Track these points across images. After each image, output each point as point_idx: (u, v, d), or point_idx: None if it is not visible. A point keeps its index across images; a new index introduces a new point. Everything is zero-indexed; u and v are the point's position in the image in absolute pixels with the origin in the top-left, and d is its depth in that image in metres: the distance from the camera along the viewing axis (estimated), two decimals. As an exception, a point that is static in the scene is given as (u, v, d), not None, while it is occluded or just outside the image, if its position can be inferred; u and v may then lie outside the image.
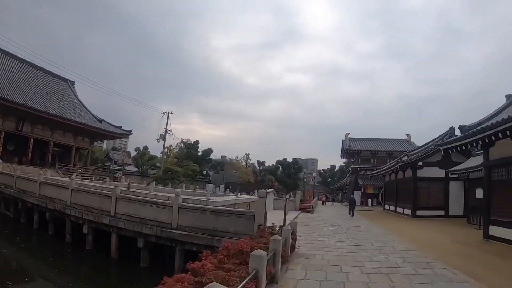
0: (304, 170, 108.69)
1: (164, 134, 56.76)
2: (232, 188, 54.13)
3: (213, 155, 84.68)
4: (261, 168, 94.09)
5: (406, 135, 63.50)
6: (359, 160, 59.55)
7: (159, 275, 5.99)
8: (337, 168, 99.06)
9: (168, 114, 57.74)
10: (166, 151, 66.30)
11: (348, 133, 62.47)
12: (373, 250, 12.12)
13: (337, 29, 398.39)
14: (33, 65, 47.23)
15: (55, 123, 42.37)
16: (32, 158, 42.41)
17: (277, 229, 10.60)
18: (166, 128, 56.90)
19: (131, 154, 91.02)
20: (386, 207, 39.98)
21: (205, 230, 13.34)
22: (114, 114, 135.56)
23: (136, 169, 66.17)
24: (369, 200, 53.96)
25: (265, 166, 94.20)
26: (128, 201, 16.49)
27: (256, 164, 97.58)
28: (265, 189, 12.88)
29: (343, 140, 62.62)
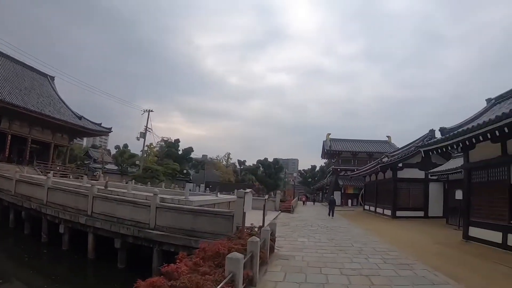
0: (285, 170, 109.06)
1: (144, 132, 56.01)
2: (213, 188, 53.68)
3: (194, 154, 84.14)
4: (242, 168, 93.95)
5: (387, 137, 64.07)
6: (340, 161, 59.75)
7: (137, 276, 5.77)
8: (318, 169, 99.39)
9: (149, 112, 57.05)
10: (147, 150, 65.40)
11: (329, 134, 62.58)
12: (353, 251, 12.03)
13: (320, 31, 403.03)
14: (12, 59, 45.73)
15: (34, 119, 41.21)
16: (10, 155, 41.31)
17: (256, 230, 10.46)
18: (147, 126, 56.19)
19: (111, 152, 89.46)
20: (366, 208, 40.18)
21: (183, 231, 13.13)
22: (95, 111, 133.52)
23: (116, 168, 65.36)
24: (349, 201, 54.25)
25: (246, 166, 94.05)
26: (105, 200, 16.19)
27: (237, 164, 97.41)
28: (244, 189, 12.60)
29: (324, 141, 62.73)
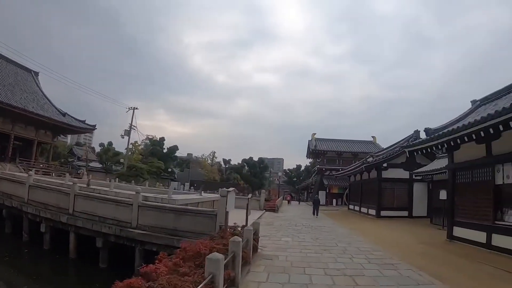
0: (270, 169, 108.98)
1: (129, 130, 55.16)
2: (197, 187, 53.32)
3: (179, 153, 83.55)
4: (227, 167, 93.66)
5: (372, 137, 64.38)
6: (325, 161, 59.80)
7: (118, 276, 5.67)
8: (303, 168, 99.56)
9: (134, 110, 56.18)
10: (131, 148, 64.72)
11: (315, 134, 62.63)
12: (338, 251, 11.96)
13: (308, 31, 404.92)
14: (-5, 54, 44.43)
15: (17, 116, 39.93)
16: (-8, 152, 40.19)
17: (239, 229, 10.28)
18: (131, 124, 55.39)
19: (96, 150, 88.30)
20: (351, 207, 40.33)
21: (166, 230, 12.87)
22: (80, 109, 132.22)
23: (101, 166, 64.43)
24: (334, 200, 54.22)
25: (231, 165, 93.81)
26: (87, 199, 15.83)
27: (222, 163, 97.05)
28: (227, 188, 12.38)
29: (309, 140, 62.75)
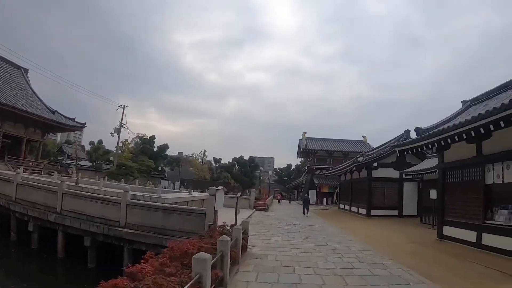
0: (261, 168, 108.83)
1: (119, 128, 54.81)
2: (187, 185, 53.02)
3: (170, 151, 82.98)
4: (217, 165, 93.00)
5: (362, 136, 64.55)
6: (315, 160, 59.83)
7: (107, 276, 5.45)
8: (294, 167, 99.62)
9: (124, 108, 55.82)
10: (122, 146, 64.19)
11: (305, 133, 62.67)
12: (328, 250, 11.89)
13: (299, 31, 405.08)
14: (-17, 50, 43.67)
15: (6, 113, 39.01)
16: (-20, 150, 39.50)
17: (228, 228, 10.16)
18: (121, 122, 55.00)
19: (86, 148, 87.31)
20: (341, 206, 40.40)
21: (154, 229, 12.78)
22: (70, 106, 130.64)
23: (90, 164, 63.78)
24: (325, 199, 54.22)
25: (222, 163, 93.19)
26: (75, 197, 15.69)
27: (213, 161, 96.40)
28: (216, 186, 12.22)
29: (300, 140, 62.78)
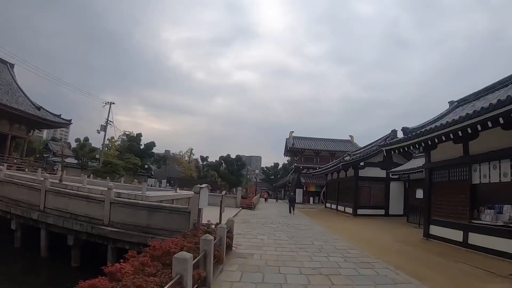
0: (248, 167, 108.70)
1: (105, 125, 54.21)
2: (174, 183, 52.66)
3: (157, 149, 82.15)
4: (204, 164, 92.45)
5: (349, 136, 64.94)
6: (302, 159, 59.86)
7: (91, 276, 5.35)
8: (281, 166, 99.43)
9: (110, 104, 55.20)
10: (108, 143, 63.40)
11: (292, 132, 62.76)
12: (314, 249, 11.82)
13: (288, 31, 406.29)
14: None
15: None
16: (-37, 147, 38.61)
17: (213, 227, 9.97)
18: (108, 119, 54.36)
19: (72, 146, 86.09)
20: (328, 205, 40.48)
21: (139, 227, 12.66)
22: (56, 103, 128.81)
23: (76, 162, 62.91)
24: (311, 198, 54.38)
25: (208, 162, 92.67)
26: (58, 195, 15.41)
27: (199, 160, 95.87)
28: (200, 185, 12.01)
29: (287, 138, 62.84)
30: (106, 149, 61.19)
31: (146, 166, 72.28)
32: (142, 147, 75.01)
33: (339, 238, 15.03)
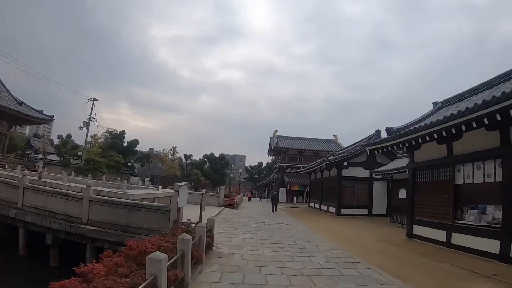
0: (232, 166, 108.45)
1: (88, 122, 53.16)
2: (156, 181, 52.14)
3: (140, 147, 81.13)
4: (188, 162, 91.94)
5: (333, 136, 65.07)
6: (286, 158, 59.79)
7: (69, 275, 5.20)
8: (265, 165, 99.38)
9: (94, 101, 54.18)
10: (91, 140, 62.46)
11: (276, 131, 62.58)
12: (296, 249, 11.68)
13: (274, 30, 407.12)
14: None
15: None
16: None
17: (193, 226, 9.74)
18: (90, 115, 53.33)
19: (54, 142, 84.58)
20: (311, 205, 40.47)
21: (118, 226, 12.37)
22: (39, 98, 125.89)
23: (59, 159, 61.85)
24: (295, 198, 54.45)
25: (192, 160, 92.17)
26: (36, 192, 14.98)
27: (183, 158, 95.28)
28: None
29: (271, 138, 62.64)
30: (89, 146, 60.26)
31: (129, 164, 71.59)
32: (126, 145, 74.03)
33: (322, 238, 14.91)
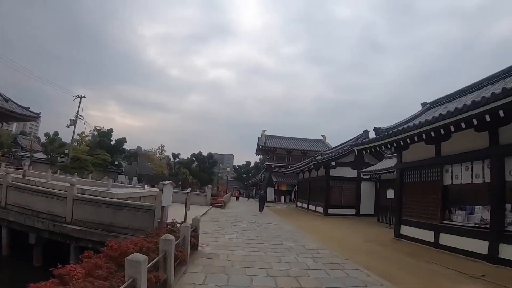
0: (220, 165, 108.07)
1: (75, 119, 52.27)
2: (143, 180, 51.69)
3: (128, 145, 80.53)
4: (176, 161, 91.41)
5: (321, 136, 65.05)
6: (274, 158, 59.60)
7: (52, 276, 5.10)
8: (253, 165, 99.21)
9: (81, 98, 53.32)
10: (78, 138, 61.71)
11: (265, 130, 62.37)
12: (283, 250, 11.54)
13: (264, 30, 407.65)
14: None
15: None
16: None
17: (178, 226, 9.54)
18: (77, 113, 52.46)
19: (41, 140, 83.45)
20: (299, 205, 40.47)
21: (102, 226, 12.03)
22: (26, 95, 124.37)
23: (45, 157, 61.08)
24: (283, 197, 54.52)
25: (180, 159, 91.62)
26: (19, 190, 14.49)
27: (171, 157, 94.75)
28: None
29: (259, 137, 62.39)
30: (76, 144, 59.55)
31: (117, 163, 71.11)
32: (113, 143, 73.58)
33: (309, 238, 14.81)
